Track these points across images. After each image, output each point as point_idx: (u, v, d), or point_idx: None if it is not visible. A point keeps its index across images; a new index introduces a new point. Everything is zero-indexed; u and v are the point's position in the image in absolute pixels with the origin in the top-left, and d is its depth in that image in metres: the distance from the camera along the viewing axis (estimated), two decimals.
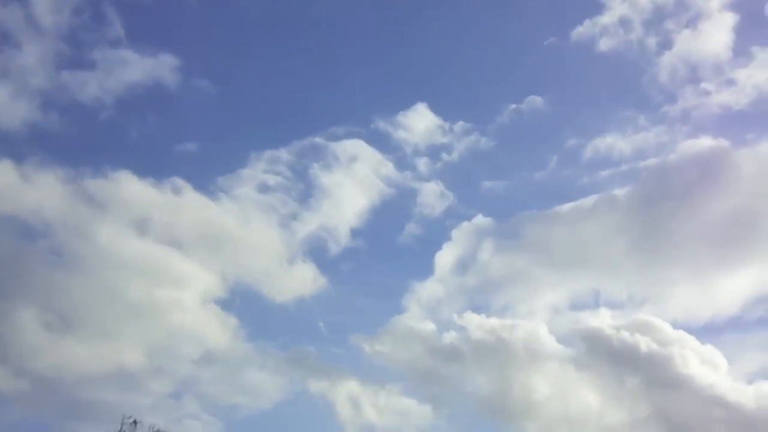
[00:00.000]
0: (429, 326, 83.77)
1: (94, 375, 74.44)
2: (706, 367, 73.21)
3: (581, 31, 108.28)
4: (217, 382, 79.34)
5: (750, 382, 73.47)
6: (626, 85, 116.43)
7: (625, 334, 73.25)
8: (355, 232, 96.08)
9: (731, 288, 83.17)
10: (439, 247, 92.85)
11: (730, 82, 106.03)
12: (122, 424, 47.00)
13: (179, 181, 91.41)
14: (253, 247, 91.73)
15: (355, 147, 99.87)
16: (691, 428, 67.42)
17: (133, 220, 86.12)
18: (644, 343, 72.31)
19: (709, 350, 75.02)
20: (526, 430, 73.10)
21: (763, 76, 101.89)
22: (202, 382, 79.12)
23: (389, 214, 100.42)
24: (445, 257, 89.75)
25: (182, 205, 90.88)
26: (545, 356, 77.14)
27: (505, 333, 79.06)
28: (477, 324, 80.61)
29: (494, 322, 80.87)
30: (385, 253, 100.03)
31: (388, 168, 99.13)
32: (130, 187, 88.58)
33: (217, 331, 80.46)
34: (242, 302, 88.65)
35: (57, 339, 74.05)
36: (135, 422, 47.61)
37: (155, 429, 48.84)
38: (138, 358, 74.88)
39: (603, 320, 78.87)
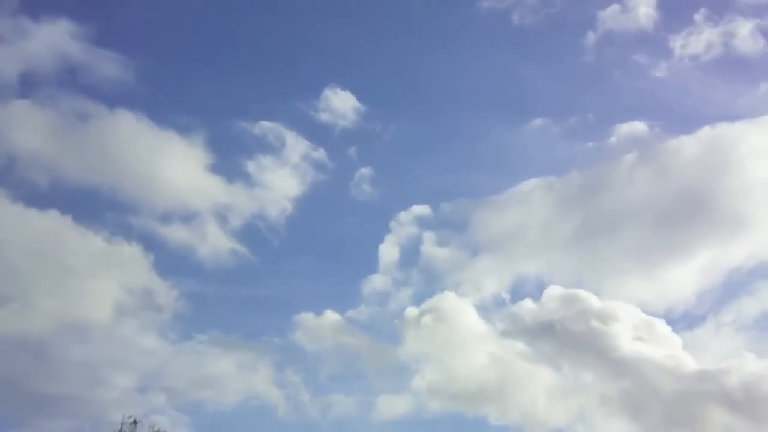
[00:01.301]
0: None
1: None
2: (658, 347, 73.57)
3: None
4: None
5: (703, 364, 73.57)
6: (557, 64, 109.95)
7: (574, 320, 73.98)
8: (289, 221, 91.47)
9: (681, 276, 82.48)
10: (380, 239, 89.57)
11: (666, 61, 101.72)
12: (122, 424, 46.68)
13: None
14: None
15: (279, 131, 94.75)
16: (641, 409, 68.56)
17: None
18: (590, 326, 73.15)
19: (662, 332, 74.95)
20: (487, 414, 72.20)
21: (699, 53, 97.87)
22: None
23: (321, 203, 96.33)
24: (388, 250, 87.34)
25: None
26: (491, 343, 77.86)
27: (450, 322, 77.96)
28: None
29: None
30: (323, 246, 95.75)
31: (317, 154, 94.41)
32: None
33: None
34: None
35: None
36: (135, 422, 47.33)
37: (155, 429, 48.75)
38: None
39: (548, 306, 78.00)
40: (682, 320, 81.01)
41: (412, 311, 79.54)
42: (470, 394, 74.32)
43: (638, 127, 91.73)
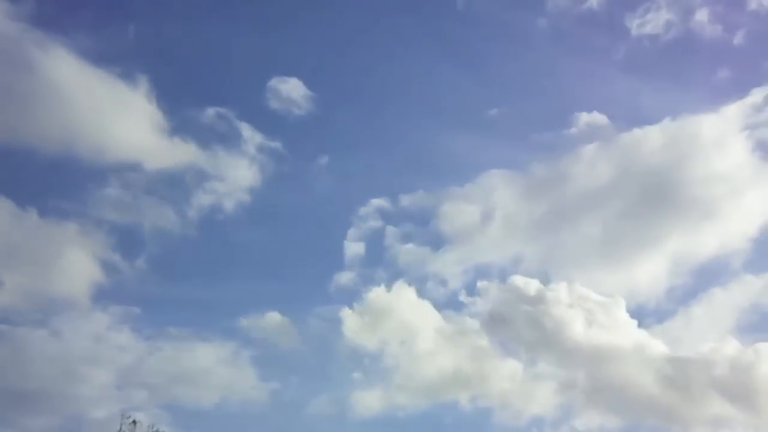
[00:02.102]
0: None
1: None
2: (622, 336, 73.05)
3: None
4: None
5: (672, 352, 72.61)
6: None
7: (537, 310, 73.35)
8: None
9: (648, 267, 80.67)
10: (343, 234, 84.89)
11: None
12: (121, 424, 43.97)
13: None
14: None
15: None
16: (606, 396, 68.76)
17: None
18: (554, 316, 73.09)
19: (625, 321, 74.05)
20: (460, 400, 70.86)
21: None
22: None
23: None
24: (352, 246, 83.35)
25: None
26: (455, 334, 76.44)
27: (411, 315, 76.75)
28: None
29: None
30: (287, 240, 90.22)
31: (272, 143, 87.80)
32: None
33: None
34: None
35: None
36: (134, 422, 44.70)
37: (154, 429, 46.27)
38: None
39: (511, 296, 76.44)
40: (650, 311, 79.11)
41: (373, 306, 76.95)
42: (437, 386, 72.84)
43: (597, 117, 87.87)
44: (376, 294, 77.98)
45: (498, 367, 73.09)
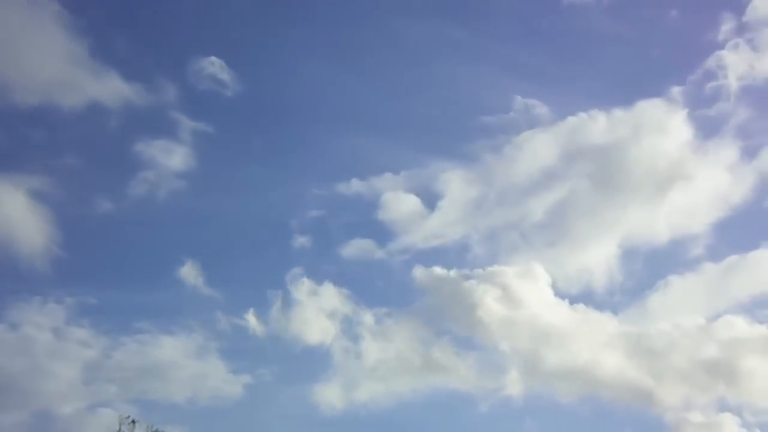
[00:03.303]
0: None
1: None
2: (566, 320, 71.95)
3: None
4: None
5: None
6: None
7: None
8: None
9: (596, 253, 77.74)
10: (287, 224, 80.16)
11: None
12: (120, 424, 42.00)
13: None
14: None
15: None
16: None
17: None
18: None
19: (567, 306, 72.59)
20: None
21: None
22: None
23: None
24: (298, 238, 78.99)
25: None
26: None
27: None
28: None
29: None
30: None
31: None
32: None
33: None
34: None
35: None
36: (134, 422, 42.72)
37: (153, 428, 44.38)
38: None
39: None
40: (598, 295, 75.92)
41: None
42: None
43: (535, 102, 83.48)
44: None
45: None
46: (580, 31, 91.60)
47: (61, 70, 76.51)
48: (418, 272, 75.06)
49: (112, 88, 77.10)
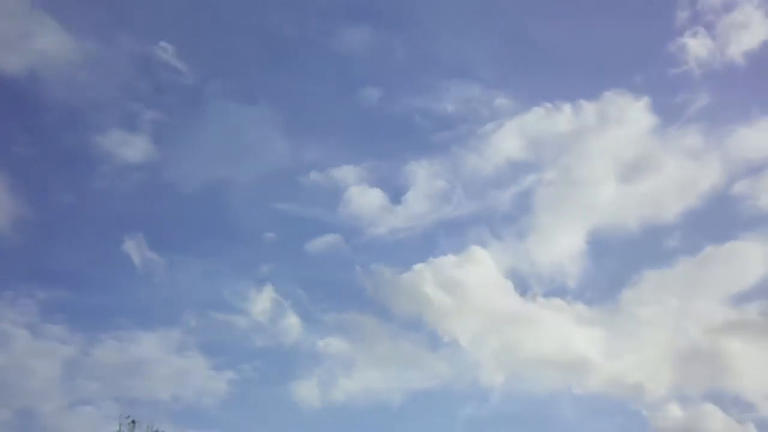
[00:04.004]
0: None
1: None
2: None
3: None
4: None
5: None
6: None
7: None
8: None
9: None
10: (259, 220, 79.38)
11: None
12: (120, 424, 39.95)
13: None
14: None
15: None
16: None
17: None
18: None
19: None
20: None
21: None
22: None
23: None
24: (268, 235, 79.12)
25: None
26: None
27: None
28: None
29: None
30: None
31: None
32: None
33: None
34: None
35: None
36: (133, 422, 40.69)
37: (153, 429, 42.47)
38: None
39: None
40: (568, 286, 74.57)
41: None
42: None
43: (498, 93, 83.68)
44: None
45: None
46: (543, 22, 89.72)
47: None
48: (382, 267, 74.09)
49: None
